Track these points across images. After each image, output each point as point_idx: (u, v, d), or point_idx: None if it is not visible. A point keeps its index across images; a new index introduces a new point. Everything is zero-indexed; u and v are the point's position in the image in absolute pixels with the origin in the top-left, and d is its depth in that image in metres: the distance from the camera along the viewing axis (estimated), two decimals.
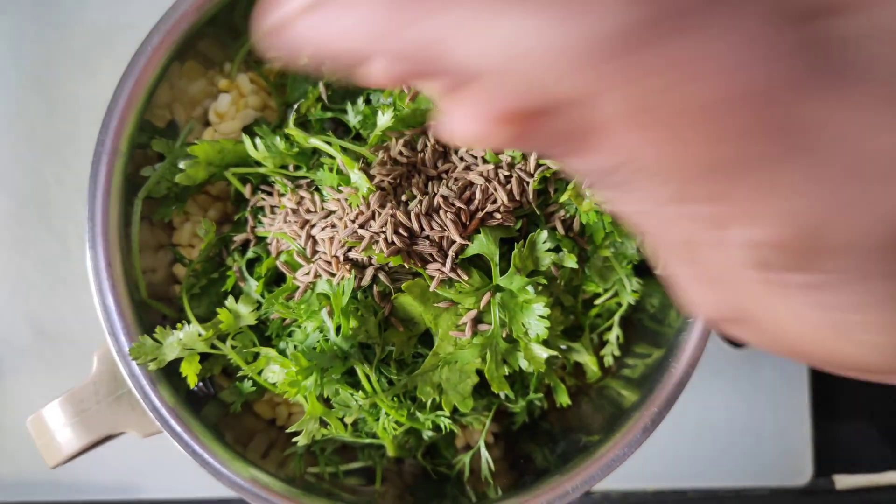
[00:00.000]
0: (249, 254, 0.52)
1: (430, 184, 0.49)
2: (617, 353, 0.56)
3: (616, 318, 0.55)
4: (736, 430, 0.71)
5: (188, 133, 0.54)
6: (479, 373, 0.49)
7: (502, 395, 0.54)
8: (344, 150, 0.49)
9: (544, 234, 0.47)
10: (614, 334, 0.56)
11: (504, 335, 0.48)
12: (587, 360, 0.56)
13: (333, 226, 0.48)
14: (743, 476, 0.71)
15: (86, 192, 0.66)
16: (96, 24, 0.70)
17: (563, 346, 0.55)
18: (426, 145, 0.50)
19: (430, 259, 0.47)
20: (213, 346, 0.50)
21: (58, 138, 0.69)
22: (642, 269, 0.55)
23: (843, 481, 0.74)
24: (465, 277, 0.47)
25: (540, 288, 0.47)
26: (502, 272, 0.47)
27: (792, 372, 0.71)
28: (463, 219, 0.47)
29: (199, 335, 0.48)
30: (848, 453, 0.75)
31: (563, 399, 0.55)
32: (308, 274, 0.48)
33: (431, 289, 0.47)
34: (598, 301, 0.55)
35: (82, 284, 0.69)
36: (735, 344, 0.71)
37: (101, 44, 0.69)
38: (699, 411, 0.71)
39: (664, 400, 0.49)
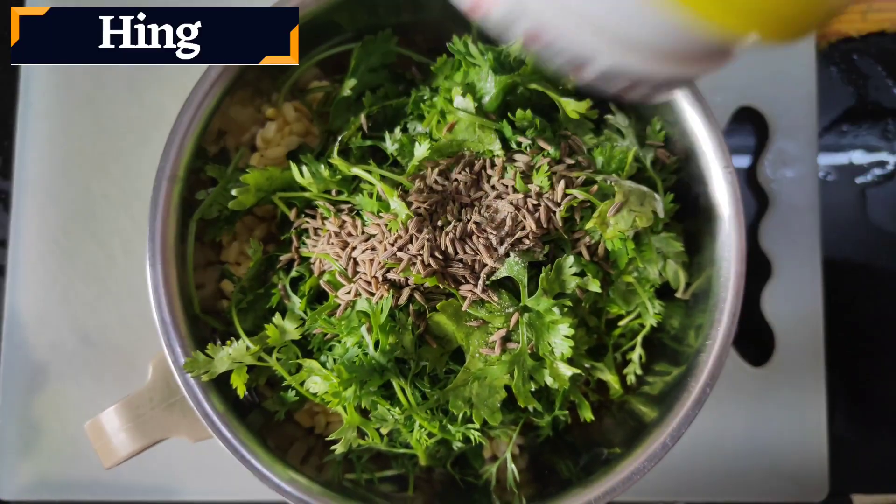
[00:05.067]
0: (293, 273, 0.56)
1: (463, 211, 0.52)
2: (639, 371, 0.58)
3: (639, 338, 0.58)
4: (753, 446, 0.72)
5: (239, 159, 0.57)
6: (508, 388, 0.52)
7: (530, 409, 0.57)
8: (383, 178, 0.52)
9: (570, 259, 0.50)
10: (637, 354, 0.58)
11: (531, 353, 0.50)
12: (610, 378, 0.58)
13: (373, 248, 0.51)
14: (760, 492, 0.72)
15: (131, 207, 0.68)
16: None
17: (587, 365, 0.57)
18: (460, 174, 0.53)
19: (463, 281, 0.51)
20: (259, 359, 0.53)
21: (105, 155, 0.72)
22: (663, 292, 0.57)
23: (861, 500, 0.75)
24: (496, 298, 0.50)
25: (565, 309, 0.50)
26: (530, 294, 0.50)
27: (810, 389, 0.72)
28: (494, 244, 0.50)
29: (248, 349, 0.52)
30: (864, 472, 0.76)
31: (587, 415, 0.57)
32: (349, 293, 0.51)
33: (464, 308, 0.50)
34: (621, 322, 0.57)
35: (126, 294, 0.72)
36: (754, 362, 0.73)
37: (147, 66, 0.71)
38: (718, 428, 0.72)
39: (683, 417, 0.51)
